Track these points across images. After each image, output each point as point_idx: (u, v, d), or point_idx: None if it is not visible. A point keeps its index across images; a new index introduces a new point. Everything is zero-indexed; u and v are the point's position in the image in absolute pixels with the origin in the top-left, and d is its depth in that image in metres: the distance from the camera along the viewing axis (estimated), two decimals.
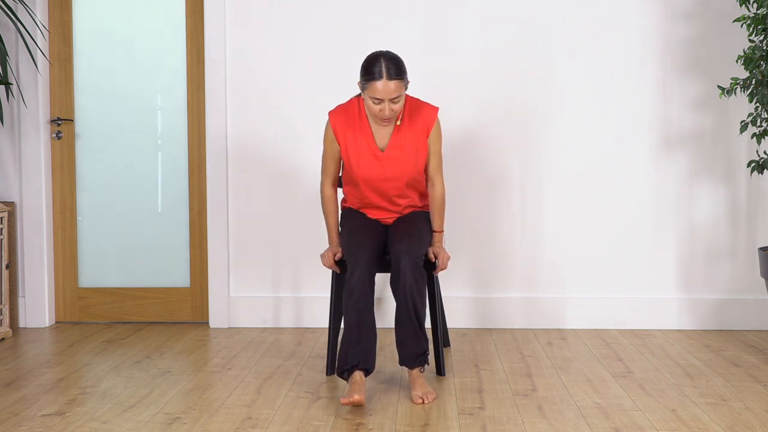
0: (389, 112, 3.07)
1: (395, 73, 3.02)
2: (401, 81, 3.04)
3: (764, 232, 4.19)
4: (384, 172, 3.23)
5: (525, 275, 4.26)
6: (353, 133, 3.23)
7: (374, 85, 3.03)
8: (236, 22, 4.27)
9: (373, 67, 3.03)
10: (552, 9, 4.19)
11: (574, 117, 4.22)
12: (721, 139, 4.18)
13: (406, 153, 3.22)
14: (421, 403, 2.99)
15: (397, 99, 3.06)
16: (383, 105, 3.06)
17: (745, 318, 4.20)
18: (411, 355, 3.10)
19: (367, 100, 3.09)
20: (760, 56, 3.57)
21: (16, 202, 4.36)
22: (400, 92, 3.05)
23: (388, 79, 3.01)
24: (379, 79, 3.01)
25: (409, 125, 3.23)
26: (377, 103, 3.06)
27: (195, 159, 4.40)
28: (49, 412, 2.95)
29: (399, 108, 3.10)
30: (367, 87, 3.06)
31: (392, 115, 3.10)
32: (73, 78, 4.43)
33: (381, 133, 3.23)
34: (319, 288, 4.32)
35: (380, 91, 3.02)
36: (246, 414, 2.92)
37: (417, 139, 3.23)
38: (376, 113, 3.09)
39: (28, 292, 4.36)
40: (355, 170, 3.24)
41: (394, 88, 3.02)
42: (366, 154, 3.22)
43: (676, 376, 3.36)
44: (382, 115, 3.08)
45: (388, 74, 3.01)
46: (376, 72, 3.02)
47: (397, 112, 3.10)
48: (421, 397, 3.00)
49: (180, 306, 4.45)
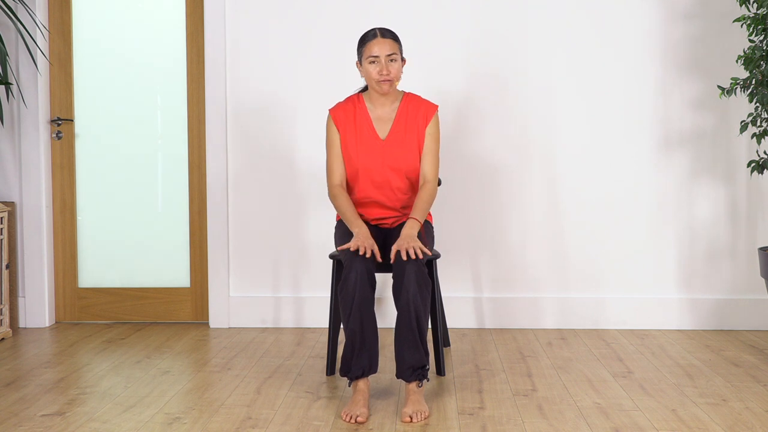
0: (386, 71, 3.15)
1: (389, 34, 3.19)
2: (396, 42, 3.19)
3: (764, 232, 4.19)
4: (384, 161, 3.24)
5: (525, 275, 4.26)
6: (353, 124, 3.27)
7: (369, 45, 3.16)
8: (236, 23, 4.27)
9: (367, 33, 3.21)
10: (552, 9, 4.19)
11: (573, 117, 4.22)
12: (721, 139, 4.19)
13: (406, 142, 3.24)
14: (409, 421, 2.80)
15: (393, 57, 3.16)
16: (380, 64, 3.15)
17: (745, 318, 4.20)
18: (409, 367, 2.94)
19: (366, 66, 3.18)
20: (760, 56, 3.57)
21: (16, 202, 4.36)
22: (395, 51, 3.16)
23: (383, 37, 3.16)
24: (373, 38, 3.17)
25: (409, 116, 3.26)
26: (374, 62, 3.16)
27: (195, 159, 4.40)
28: (49, 412, 2.95)
29: (396, 70, 3.17)
30: (363, 51, 3.18)
31: (390, 76, 3.17)
32: (73, 78, 4.43)
33: (381, 122, 3.27)
34: (319, 288, 4.32)
35: (375, 47, 3.14)
36: (246, 414, 2.92)
37: (417, 129, 3.27)
38: (375, 76, 3.16)
39: (28, 292, 4.36)
40: (355, 160, 3.24)
41: (389, 45, 3.15)
42: (366, 143, 3.24)
43: (676, 376, 3.37)
44: (381, 76, 3.16)
45: (381, 33, 3.18)
46: (369, 35, 3.19)
47: (395, 74, 3.18)
48: (411, 415, 2.81)
49: (180, 306, 4.45)
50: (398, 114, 3.26)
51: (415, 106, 3.28)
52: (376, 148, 3.24)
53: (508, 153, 4.24)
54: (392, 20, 4.19)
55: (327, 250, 4.30)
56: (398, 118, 3.26)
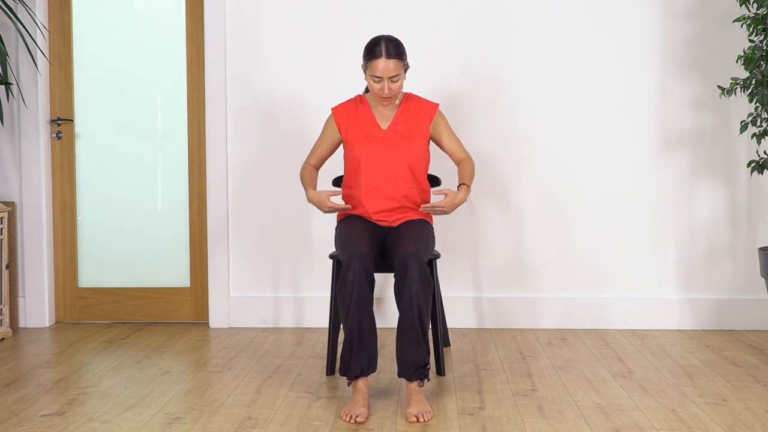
0: (388, 90, 3.21)
1: (395, 53, 3.19)
2: (400, 61, 3.21)
3: (764, 232, 4.19)
4: (385, 148, 3.30)
5: (525, 275, 4.26)
6: (355, 119, 3.35)
7: (375, 64, 3.19)
8: (236, 23, 4.27)
9: (374, 47, 3.20)
10: (552, 9, 4.19)
11: (573, 117, 4.22)
12: (721, 139, 4.19)
13: (407, 132, 3.31)
14: (415, 421, 2.82)
15: (396, 78, 3.21)
16: (383, 84, 3.21)
17: (745, 318, 4.20)
18: (411, 366, 2.95)
19: (369, 79, 3.24)
20: (760, 56, 3.57)
21: (16, 202, 4.36)
22: (398, 72, 3.20)
23: (387, 58, 3.18)
24: (378, 57, 3.18)
25: (410, 112, 3.34)
26: (377, 81, 3.21)
27: (195, 159, 4.40)
28: (49, 412, 2.95)
29: (397, 88, 3.23)
30: (368, 66, 3.22)
31: (391, 94, 3.24)
32: (73, 78, 4.43)
33: (382, 117, 3.34)
34: (319, 288, 4.32)
35: (380, 69, 3.18)
36: (246, 414, 2.92)
37: (418, 124, 3.34)
38: (377, 92, 3.24)
39: (28, 292, 4.36)
40: (357, 150, 3.30)
41: (393, 67, 3.18)
42: (368, 133, 3.32)
43: (676, 376, 3.36)
44: (382, 94, 3.23)
45: (387, 54, 3.18)
46: (376, 52, 3.19)
47: (396, 91, 3.24)
48: (416, 415, 2.83)
49: (180, 306, 4.44)
50: (399, 111, 3.34)
51: (416, 105, 3.36)
52: (378, 137, 3.31)
53: (508, 153, 4.24)
54: (392, 20, 4.19)
55: (327, 250, 4.30)
56: (399, 114, 3.33)
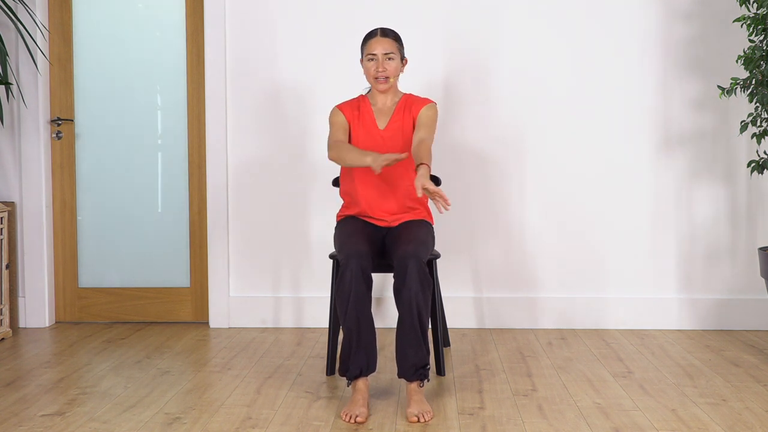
0: (382, 69, 3.27)
1: (390, 34, 3.31)
2: (395, 42, 3.30)
3: (764, 232, 4.19)
4: (384, 150, 3.32)
5: (525, 275, 4.26)
6: (357, 116, 3.37)
7: (370, 43, 3.29)
8: (236, 23, 4.27)
9: (370, 31, 3.35)
10: (551, 9, 4.19)
11: (573, 117, 4.22)
12: (721, 139, 4.19)
13: (403, 131, 3.33)
14: (416, 421, 2.82)
15: (391, 56, 3.28)
16: (378, 63, 3.27)
17: (745, 318, 4.20)
18: (411, 366, 2.95)
19: (366, 64, 3.30)
20: (760, 56, 3.57)
21: (16, 202, 4.36)
22: (393, 50, 3.28)
23: (382, 36, 3.29)
24: (373, 36, 3.30)
25: (407, 111, 3.35)
26: (372, 59, 3.28)
27: (195, 159, 4.40)
28: (49, 412, 2.95)
29: (392, 68, 3.29)
30: (364, 49, 3.31)
31: (386, 74, 3.28)
32: (73, 78, 4.43)
33: (381, 114, 3.36)
34: (319, 288, 4.32)
35: (374, 45, 3.27)
36: (246, 414, 2.92)
37: (413, 119, 3.36)
38: (372, 73, 3.29)
39: (28, 292, 4.36)
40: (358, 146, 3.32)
41: (387, 44, 3.27)
42: (368, 132, 3.34)
43: (676, 376, 3.37)
44: (377, 73, 3.28)
45: (382, 32, 3.31)
46: (372, 33, 3.31)
47: (391, 72, 3.29)
48: (417, 415, 2.83)
49: (180, 306, 4.45)
50: (396, 110, 3.35)
51: (413, 103, 3.37)
52: (376, 137, 3.32)
53: (508, 154, 4.24)
54: (392, 20, 4.19)
55: (327, 250, 4.30)
56: (396, 113, 3.35)
